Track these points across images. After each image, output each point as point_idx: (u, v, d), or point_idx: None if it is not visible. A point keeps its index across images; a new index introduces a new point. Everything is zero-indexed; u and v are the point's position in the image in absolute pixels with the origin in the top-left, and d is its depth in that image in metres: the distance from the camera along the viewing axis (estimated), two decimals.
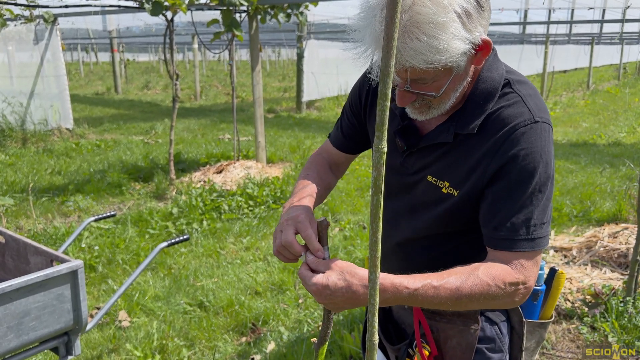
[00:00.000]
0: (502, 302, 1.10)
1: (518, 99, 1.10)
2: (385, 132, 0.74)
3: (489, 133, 1.10)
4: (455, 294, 1.05)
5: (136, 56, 33.87)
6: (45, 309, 1.62)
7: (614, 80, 20.32)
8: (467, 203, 1.15)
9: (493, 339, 1.29)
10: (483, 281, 1.06)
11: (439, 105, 1.10)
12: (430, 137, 1.17)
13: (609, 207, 4.88)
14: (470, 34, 0.98)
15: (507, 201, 1.09)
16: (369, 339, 0.95)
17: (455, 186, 1.15)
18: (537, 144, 1.07)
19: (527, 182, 1.07)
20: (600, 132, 9.21)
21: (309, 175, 1.37)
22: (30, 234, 4.36)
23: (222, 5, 5.41)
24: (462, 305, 1.07)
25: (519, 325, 1.31)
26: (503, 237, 1.09)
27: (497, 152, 1.08)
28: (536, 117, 1.08)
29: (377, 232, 0.84)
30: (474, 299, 1.06)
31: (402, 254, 1.32)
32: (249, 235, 4.40)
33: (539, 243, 1.09)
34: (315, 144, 7.93)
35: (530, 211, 1.08)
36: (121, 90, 16.40)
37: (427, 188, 1.21)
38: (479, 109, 1.12)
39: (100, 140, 8.35)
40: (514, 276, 1.08)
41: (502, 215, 1.09)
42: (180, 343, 2.89)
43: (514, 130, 1.07)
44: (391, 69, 0.69)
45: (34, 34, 8.08)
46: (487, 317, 1.29)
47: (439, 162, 1.17)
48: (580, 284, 3.38)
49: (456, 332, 1.28)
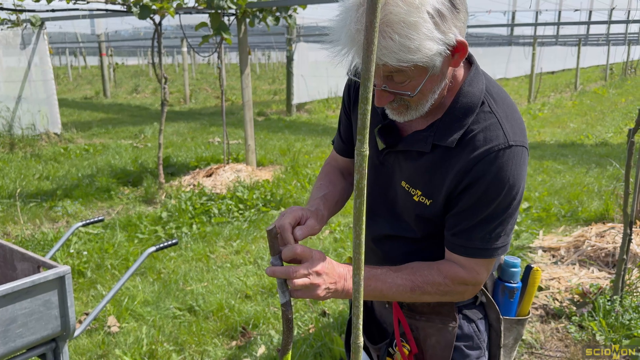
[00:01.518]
0: (452, 298, 1.21)
1: (495, 120, 1.13)
2: (367, 136, 0.75)
3: (465, 151, 1.12)
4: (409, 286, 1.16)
5: (125, 60, 33.70)
6: (32, 316, 1.60)
7: (600, 81, 20.53)
8: (439, 212, 1.19)
9: (471, 336, 1.32)
10: (436, 279, 1.17)
11: (417, 106, 1.12)
12: (409, 142, 1.19)
13: (596, 206, 4.93)
14: (444, 35, 0.99)
15: (469, 216, 1.14)
16: (354, 341, 0.96)
17: (427, 196, 1.19)
18: (507, 168, 1.10)
19: (490, 202, 1.12)
20: (587, 133, 9.30)
21: (322, 185, 1.40)
22: (18, 239, 4.32)
23: (211, 9, 5.41)
24: (415, 297, 1.18)
25: (497, 323, 1.34)
26: (459, 243, 1.16)
27: (470, 172, 1.11)
28: (510, 141, 1.11)
29: (360, 234, 0.84)
30: (425, 293, 1.18)
31: (376, 249, 1.36)
32: (239, 239, 4.39)
33: (492, 253, 1.16)
34: (305, 147, 7.94)
35: (488, 226, 1.14)
36: (110, 94, 16.29)
37: (402, 193, 1.24)
38: (458, 122, 1.14)
39: (89, 145, 8.30)
40: (464, 278, 1.18)
41: (462, 226, 1.15)
42: (170, 348, 2.88)
43: (488, 153, 1.10)
44: (371, 73, 0.69)
45: (21, 38, 8.03)
46: (465, 315, 1.32)
47: (414, 170, 1.20)
48: (569, 284, 3.42)
49: (435, 330, 1.31)
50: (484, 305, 1.34)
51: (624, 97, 14.62)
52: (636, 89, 16.73)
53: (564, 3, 18.37)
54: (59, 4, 5.81)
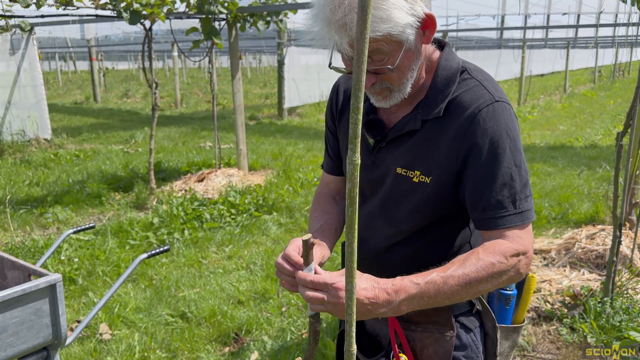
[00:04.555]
0: (509, 277, 1.12)
1: (476, 83, 1.18)
2: (359, 144, 0.75)
3: (454, 117, 1.16)
4: (463, 280, 1.08)
5: (115, 64, 33.52)
6: (23, 325, 1.59)
7: (589, 84, 20.71)
8: (441, 188, 1.18)
9: (469, 346, 1.30)
10: (486, 261, 1.09)
11: (399, 87, 1.16)
12: (399, 128, 1.22)
13: (586, 209, 4.97)
14: (411, 6, 1.06)
15: (487, 181, 1.13)
16: (347, 348, 0.96)
17: (426, 174, 1.19)
18: (501, 121, 1.13)
19: (499, 158, 1.12)
20: (577, 135, 9.37)
21: (317, 217, 1.40)
22: (8, 247, 4.28)
23: (201, 14, 5.41)
24: (473, 291, 1.09)
25: (493, 331, 1.32)
26: (492, 216, 1.13)
27: (465, 134, 1.14)
28: (496, 97, 1.15)
29: (352, 242, 0.85)
30: (482, 280, 1.09)
31: (379, 257, 1.33)
32: (231, 244, 4.38)
33: (527, 215, 1.14)
34: (297, 151, 7.94)
35: (512, 186, 1.12)
36: (100, 99, 16.21)
37: (397, 181, 1.24)
38: (441, 94, 1.18)
39: (79, 150, 8.25)
40: (513, 248, 1.11)
41: (486, 196, 1.13)
42: (163, 355, 2.86)
43: (477, 110, 1.14)
44: (362, 83, 0.70)
45: (10, 43, 7.97)
46: (462, 324, 1.30)
47: (409, 153, 1.21)
48: (560, 286, 3.44)
49: (432, 340, 1.29)
50: (480, 313, 1.33)
51: (613, 99, 14.76)
52: (624, 91, 16.90)
53: (553, 7, 18.53)
54: (49, 10, 5.78)
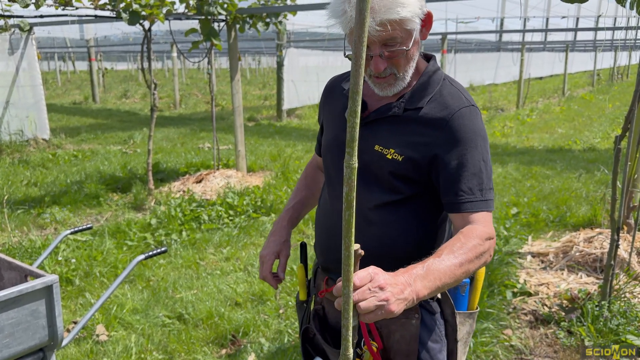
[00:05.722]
0: (485, 259, 1.25)
1: (456, 90, 1.37)
2: (356, 148, 0.76)
3: (435, 110, 1.33)
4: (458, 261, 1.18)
5: (114, 65, 33.52)
6: (19, 326, 1.59)
7: (588, 87, 20.74)
8: (410, 165, 1.32)
9: (432, 329, 1.38)
10: (470, 244, 1.21)
11: (404, 74, 1.32)
12: (382, 111, 1.37)
13: (584, 212, 4.97)
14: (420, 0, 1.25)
15: (460, 169, 1.29)
16: (343, 352, 0.96)
17: (400, 152, 1.33)
18: (476, 122, 1.32)
19: (473, 152, 1.30)
20: (575, 138, 9.39)
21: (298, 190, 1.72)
22: (5, 247, 4.27)
23: (201, 15, 5.41)
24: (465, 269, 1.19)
25: (452, 318, 1.41)
26: (463, 200, 1.29)
27: (445, 127, 1.30)
28: (472, 103, 1.35)
29: (349, 246, 0.84)
30: (471, 260, 1.21)
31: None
32: (229, 246, 4.38)
33: (490, 204, 1.31)
34: (295, 152, 7.94)
35: (481, 177, 1.30)
36: (99, 99, 16.20)
37: (374, 157, 1.36)
38: (425, 91, 1.36)
39: (78, 151, 8.24)
40: (486, 232, 1.26)
41: (458, 182, 1.29)
42: (159, 356, 2.86)
43: (458, 109, 1.32)
44: (360, 87, 0.70)
45: (9, 43, 7.96)
46: (426, 309, 1.38)
47: (388, 133, 1.36)
48: (557, 289, 3.44)
49: (398, 325, 1.36)
50: (440, 301, 1.41)
51: (611, 102, 14.79)
52: (623, 94, 16.93)
53: (552, 10, 18.57)
54: (48, 10, 5.78)
